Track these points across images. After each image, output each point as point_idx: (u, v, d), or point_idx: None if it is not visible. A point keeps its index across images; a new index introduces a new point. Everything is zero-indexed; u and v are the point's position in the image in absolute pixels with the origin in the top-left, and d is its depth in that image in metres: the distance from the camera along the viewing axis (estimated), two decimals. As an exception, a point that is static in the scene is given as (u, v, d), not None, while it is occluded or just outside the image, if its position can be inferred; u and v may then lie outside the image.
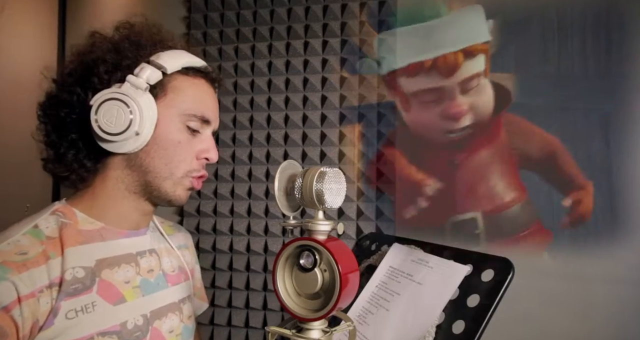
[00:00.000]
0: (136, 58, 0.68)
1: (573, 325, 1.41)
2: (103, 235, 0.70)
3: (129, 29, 0.74)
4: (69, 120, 0.68)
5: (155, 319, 0.73)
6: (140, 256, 0.75)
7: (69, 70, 0.70)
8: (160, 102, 0.69)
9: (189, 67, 0.73)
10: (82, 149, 0.69)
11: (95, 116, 0.64)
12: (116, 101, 0.64)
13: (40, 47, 2.05)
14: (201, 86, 0.75)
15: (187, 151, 0.72)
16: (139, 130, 0.66)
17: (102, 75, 0.67)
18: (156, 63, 0.68)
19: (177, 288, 0.81)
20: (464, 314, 0.65)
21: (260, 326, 1.70)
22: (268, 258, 1.73)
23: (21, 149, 1.92)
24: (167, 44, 0.73)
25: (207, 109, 0.74)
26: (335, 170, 0.60)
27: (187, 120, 0.71)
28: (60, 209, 0.69)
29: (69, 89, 0.68)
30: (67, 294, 0.61)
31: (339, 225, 0.60)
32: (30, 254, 0.60)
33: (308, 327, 0.59)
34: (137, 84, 0.66)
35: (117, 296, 0.68)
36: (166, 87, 0.70)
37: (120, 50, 0.69)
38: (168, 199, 0.73)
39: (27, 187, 1.95)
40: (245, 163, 1.77)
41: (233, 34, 1.81)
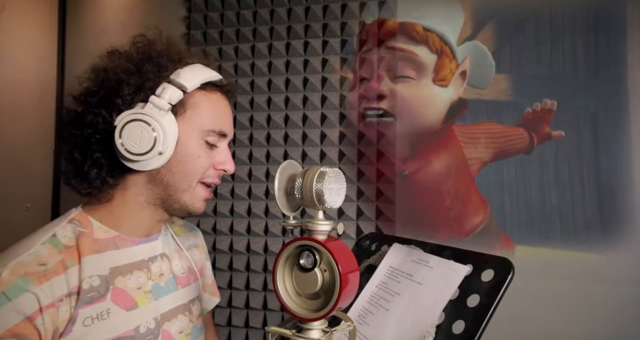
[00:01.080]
0: (158, 78, 0.69)
1: (573, 325, 1.41)
2: (117, 244, 0.71)
3: (148, 46, 0.74)
4: (93, 139, 0.69)
5: (165, 321, 0.75)
6: (152, 261, 0.77)
7: (92, 91, 0.70)
8: (180, 119, 0.70)
9: (207, 82, 0.74)
10: (105, 166, 0.70)
11: (120, 137, 0.66)
12: (140, 122, 0.66)
13: (40, 47, 2.05)
14: (218, 101, 0.76)
15: (206, 164, 0.74)
16: (162, 150, 0.67)
17: (125, 97, 0.68)
18: (176, 82, 0.69)
19: (186, 290, 0.83)
20: (464, 314, 0.65)
21: (260, 326, 1.70)
22: (268, 258, 1.73)
23: (21, 149, 1.92)
24: (186, 60, 0.73)
25: (224, 123, 0.76)
26: (335, 170, 0.60)
27: (206, 135, 0.73)
28: (77, 217, 0.71)
29: (93, 110, 0.69)
30: (84, 302, 0.64)
31: (339, 225, 0.60)
32: (49, 264, 0.62)
33: (308, 327, 0.59)
34: (159, 104, 0.67)
35: (130, 302, 0.70)
36: (185, 104, 0.71)
37: (143, 72, 0.70)
38: (188, 211, 0.75)
39: (27, 187, 1.95)
40: (245, 163, 1.77)
41: (233, 34, 1.81)
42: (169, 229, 0.86)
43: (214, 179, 0.76)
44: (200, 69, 0.73)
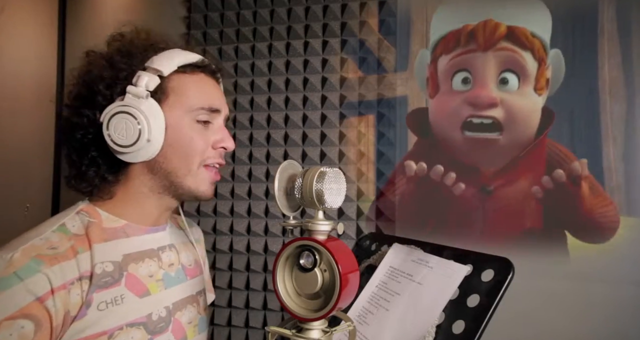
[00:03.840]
0: (131, 68, 0.70)
1: (573, 325, 1.41)
2: (127, 232, 0.72)
3: (120, 41, 0.75)
4: (86, 140, 0.70)
5: (176, 311, 0.76)
6: (162, 251, 0.77)
7: (75, 94, 0.72)
8: (165, 105, 0.70)
9: (185, 65, 0.73)
10: (102, 164, 0.71)
11: (107, 132, 0.67)
12: (122, 114, 0.67)
13: (40, 47, 2.05)
14: (201, 80, 0.75)
15: (202, 143, 0.73)
16: (149, 137, 0.67)
17: (103, 92, 0.69)
18: (151, 68, 0.69)
19: (194, 281, 0.84)
20: (464, 314, 0.65)
21: (260, 326, 1.70)
22: (268, 258, 1.73)
23: (21, 149, 1.92)
24: (159, 46, 0.74)
25: (213, 98, 0.75)
26: (335, 170, 0.60)
27: (196, 115, 0.73)
28: (84, 208, 0.72)
29: (78, 111, 0.70)
30: (98, 286, 0.64)
31: (339, 225, 0.60)
32: (60, 249, 0.63)
33: (308, 327, 0.59)
34: (137, 93, 0.67)
35: (142, 289, 0.71)
36: (166, 89, 0.71)
37: (114, 63, 0.70)
38: (193, 195, 0.75)
39: (27, 187, 1.96)
40: (245, 163, 1.77)
41: (233, 34, 1.81)
42: (180, 222, 0.88)
43: (216, 159, 0.75)
44: (175, 52, 0.73)
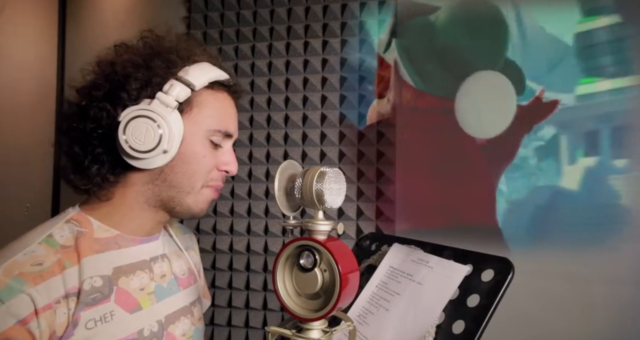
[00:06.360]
0: (166, 75, 0.67)
1: (573, 325, 1.41)
2: (119, 243, 0.69)
3: (156, 42, 0.72)
4: (95, 134, 0.67)
5: (169, 324, 0.73)
6: (154, 262, 0.75)
7: (96, 84, 0.68)
8: (186, 117, 0.68)
9: (214, 81, 0.72)
10: (106, 163, 0.68)
11: (124, 133, 0.64)
12: (145, 119, 0.64)
13: (41, 47, 2.05)
14: (224, 100, 0.75)
15: (210, 164, 0.72)
16: (167, 148, 0.65)
17: (132, 92, 0.66)
18: (184, 80, 0.67)
19: (188, 291, 0.81)
20: (464, 314, 0.65)
21: (260, 326, 1.70)
22: (268, 258, 1.73)
23: (21, 149, 1.92)
24: (194, 58, 0.72)
25: (230, 123, 0.74)
26: (335, 170, 0.60)
27: (211, 135, 0.71)
28: (74, 217, 0.68)
29: (97, 104, 0.66)
30: (86, 304, 0.61)
31: (339, 225, 0.60)
32: (46, 264, 0.60)
33: (308, 327, 0.59)
34: (166, 101, 0.65)
35: (133, 304, 0.68)
36: (192, 102, 0.69)
37: (152, 67, 0.67)
38: (191, 213, 0.73)
39: (27, 187, 1.96)
40: (245, 163, 1.77)
41: (233, 34, 1.81)
42: (169, 231, 0.85)
43: (218, 182, 0.74)
44: (208, 67, 0.72)
